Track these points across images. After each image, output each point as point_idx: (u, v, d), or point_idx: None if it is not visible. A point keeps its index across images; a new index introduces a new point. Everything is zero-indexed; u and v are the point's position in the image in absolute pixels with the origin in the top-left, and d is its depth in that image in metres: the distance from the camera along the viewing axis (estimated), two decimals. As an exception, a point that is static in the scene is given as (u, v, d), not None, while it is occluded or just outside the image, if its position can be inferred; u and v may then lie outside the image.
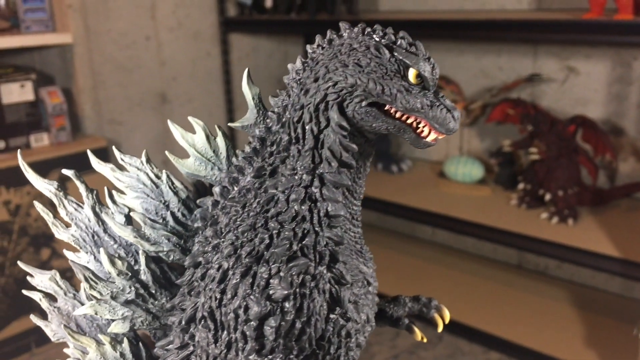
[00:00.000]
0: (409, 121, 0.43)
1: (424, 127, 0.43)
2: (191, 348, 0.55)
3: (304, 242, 0.50)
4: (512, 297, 2.10)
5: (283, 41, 2.75)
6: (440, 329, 0.61)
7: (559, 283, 2.17)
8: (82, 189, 0.61)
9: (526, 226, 1.78)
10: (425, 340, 0.62)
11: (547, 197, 1.79)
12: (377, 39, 0.45)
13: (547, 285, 2.16)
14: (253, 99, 0.57)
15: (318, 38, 0.53)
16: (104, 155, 1.97)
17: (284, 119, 0.52)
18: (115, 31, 2.12)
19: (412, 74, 0.41)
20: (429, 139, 0.43)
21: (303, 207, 0.50)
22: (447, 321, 0.62)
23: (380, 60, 0.42)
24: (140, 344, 0.60)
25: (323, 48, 0.48)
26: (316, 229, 0.50)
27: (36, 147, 1.88)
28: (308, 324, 0.49)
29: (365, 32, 0.45)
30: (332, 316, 0.49)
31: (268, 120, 0.55)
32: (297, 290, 0.49)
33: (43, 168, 1.79)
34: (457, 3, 2.26)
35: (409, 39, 0.45)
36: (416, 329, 0.62)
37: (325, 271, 0.50)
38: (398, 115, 0.43)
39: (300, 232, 0.50)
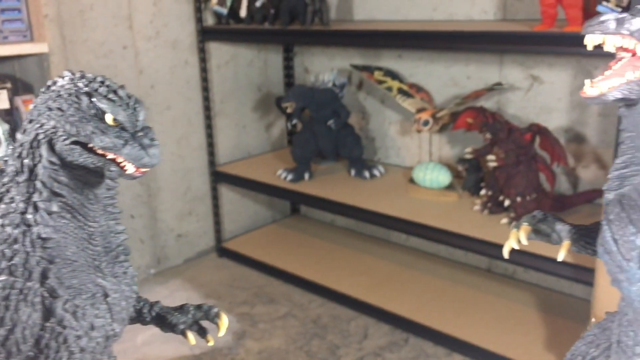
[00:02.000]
0: (110, 157, 0.47)
1: (124, 162, 0.47)
2: None
3: (13, 261, 0.57)
4: (480, 301, 2.14)
5: (263, 49, 2.80)
6: (220, 333, 0.66)
7: (526, 287, 2.21)
8: None
9: (486, 231, 1.83)
10: (210, 343, 0.67)
11: (507, 203, 1.84)
12: (79, 87, 0.50)
13: (515, 288, 2.21)
14: (3, 134, 0.64)
15: (49, 83, 0.59)
16: (79, 161, 2.03)
17: (15, 154, 0.59)
18: (92, 41, 2.18)
19: (109, 117, 0.47)
20: (129, 172, 0.48)
21: (16, 231, 0.57)
22: (225, 326, 0.66)
23: (79, 105, 0.47)
24: None
25: (44, 93, 0.53)
26: (27, 249, 0.57)
27: (12, 153, 1.93)
28: (12, 332, 0.56)
29: (73, 81, 0.50)
30: (47, 324, 0.55)
31: (9, 153, 0.63)
32: (1, 302, 0.56)
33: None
34: (427, 13, 2.31)
35: (112, 87, 0.50)
36: (189, 335, 0.67)
37: (36, 286, 0.56)
38: (100, 152, 0.47)
39: (10, 253, 0.57)
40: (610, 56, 0.69)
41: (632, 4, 1.40)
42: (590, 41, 0.45)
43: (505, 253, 0.60)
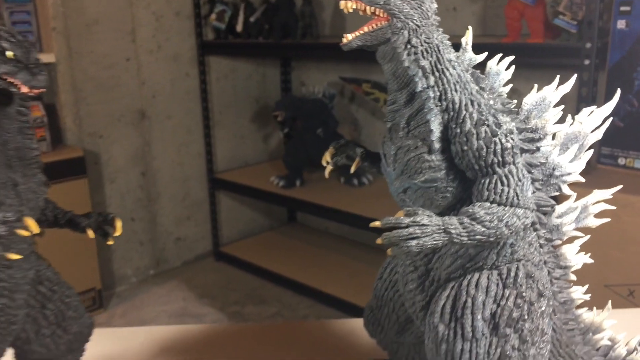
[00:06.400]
0: (9, 80, 0.61)
1: (19, 84, 0.60)
2: None
3: None
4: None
5: (261, 63, 2.94)
6: (116, 234, 0.73)
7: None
8: None
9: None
10: (110, 242, 0.75)
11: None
12: None
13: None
14: None
15: None
16: (81, 164, 2.17)
17: None
18: (97, 53, 2.33)
19: (8, 53, 0.60)
20: (24, 91, 0.61)
21: None
22: (120, 228, 0.75)
23: None
24: None
25: None
26: None
27: (18, 155, 2.07)
28: None
29: None
30: None
31: None
32: None
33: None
34: (413, 29, 2.43)
35: (12, 33, 0.64)
36: (89, 232, 0.73)
37: None
38: (3, 77, 0.60)
39: None
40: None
41: (585, 18, 1.51)
42: (342, 5, 0.60)
43: (326, 174, 0.73)
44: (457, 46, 0.67)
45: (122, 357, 0.89)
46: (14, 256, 0.62)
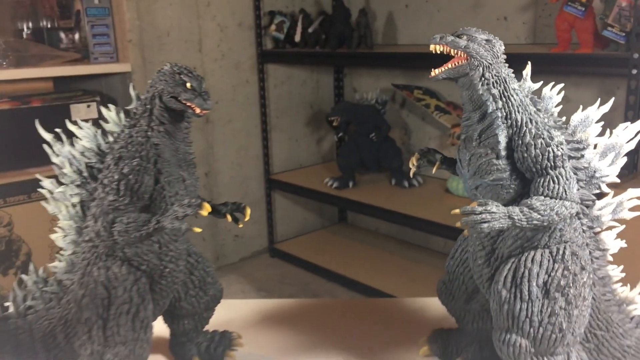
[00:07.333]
0: (187, 104, 0.76)
1: (194, 107, 0.76)
2: None
3: (142, 153, 0.81)
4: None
5: (315, 70, 3.09)
6: (246, 219, 0.90)
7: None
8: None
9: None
10: (240, 225, 0.91)
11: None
12: (175, 70, 0.80)
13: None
14: (135, 95, 0.90)
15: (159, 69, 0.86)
16: (153, 164, 2.35)
17: (142, 102, 0.86)
18: (167, 62, 2.52)
19: (188, 84, 0.76)
20: (197, 112, 0.76)
21: (143, 139, 0.81)
22: (248, 215, 0.90)
23: (173, 78, 0.76)
24: None
25: (157, 73, 0.81)
26: (148, 149, 0.80)
27: (98, 156, 2.27)
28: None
29: (172, 67, 0.78)
30: (156, 187, 0.81)
31: (138, 103, 0.87)
32: (134, 172, 0.81)
33: (103, 173, 2.18)
34: (464, 37, 2.53)
35: (190, 70, 0.80)
36: (228, 217, 0.90)
37: (151, 167, 0.81)
38: (183, 101, 0.75)
39: (140, 149, 0.80)
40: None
41: (633, 30, 1.60)
42: (432, 48, 0.74)
43: (411, 174, 0.87)
44: (507, 55, 0.80)
45: (231, 322, 1.06)
46: (197, 229, 0.81)
